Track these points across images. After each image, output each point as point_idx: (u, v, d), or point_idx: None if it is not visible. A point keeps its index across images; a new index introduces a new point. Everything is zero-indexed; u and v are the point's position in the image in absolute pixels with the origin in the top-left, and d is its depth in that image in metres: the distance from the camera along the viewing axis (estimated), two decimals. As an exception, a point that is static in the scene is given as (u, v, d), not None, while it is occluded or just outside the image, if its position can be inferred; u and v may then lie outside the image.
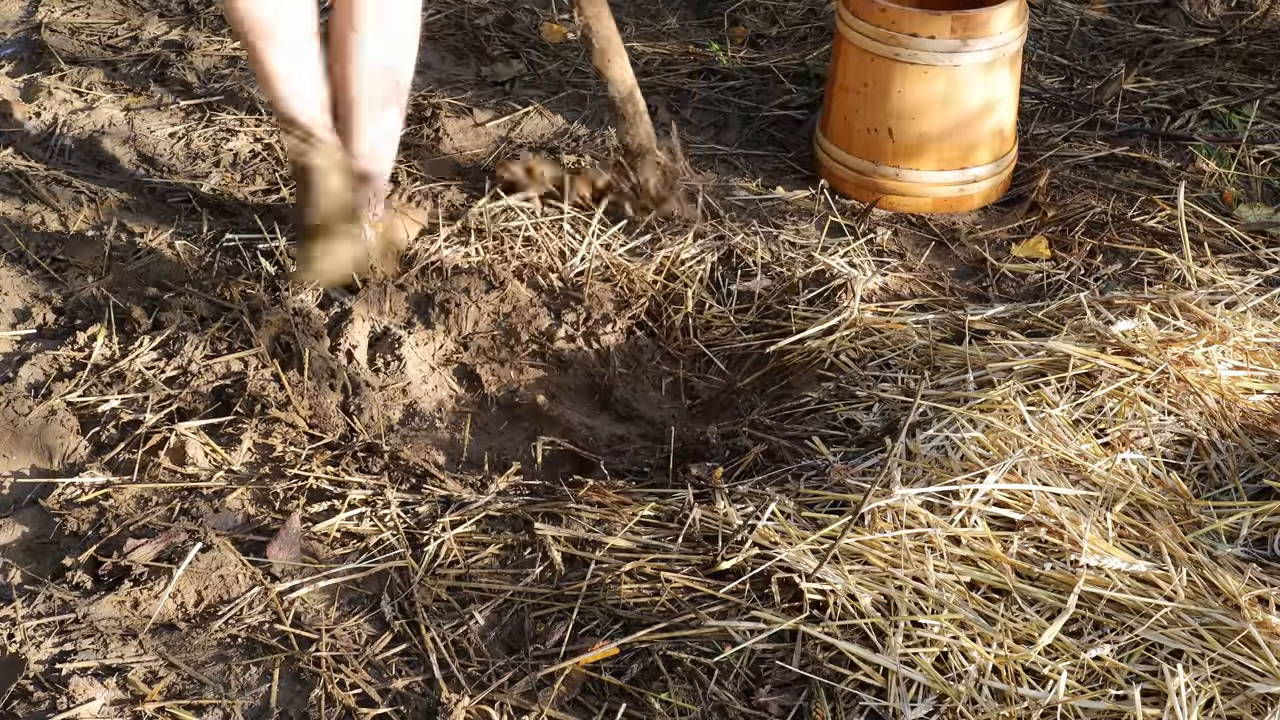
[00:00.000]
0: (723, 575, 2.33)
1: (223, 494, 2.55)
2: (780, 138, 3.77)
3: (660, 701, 2.13)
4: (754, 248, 3.27)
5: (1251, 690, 2.12)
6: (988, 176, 3.49)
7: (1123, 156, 3.68)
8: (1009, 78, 3.43)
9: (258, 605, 2.33)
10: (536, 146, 3.65)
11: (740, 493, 2.51)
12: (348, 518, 2.50)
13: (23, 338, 2.95)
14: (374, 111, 3.00)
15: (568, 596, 2.32)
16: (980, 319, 3.01)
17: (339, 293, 3.02)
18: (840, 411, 2.76)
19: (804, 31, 4.26)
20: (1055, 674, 2.13)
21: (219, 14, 4.12)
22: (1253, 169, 3.64)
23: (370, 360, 2.92)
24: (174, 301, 2.98)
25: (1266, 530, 2.47)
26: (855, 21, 3.37)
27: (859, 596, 2.24)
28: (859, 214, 3.44)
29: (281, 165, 3.51)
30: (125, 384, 2.79)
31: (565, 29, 4.18)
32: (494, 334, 3.03)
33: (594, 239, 3.28)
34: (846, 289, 3.14)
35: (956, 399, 2.70)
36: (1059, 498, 2.45)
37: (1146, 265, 3.23)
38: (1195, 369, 2.76)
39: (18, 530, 2.51)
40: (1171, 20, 4.34)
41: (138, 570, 2.38)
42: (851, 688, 2.12)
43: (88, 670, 2.21)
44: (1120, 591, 2.27)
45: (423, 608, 2.31)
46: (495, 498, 2.55)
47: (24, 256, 3.13)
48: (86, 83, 3.75)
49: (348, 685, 2.19)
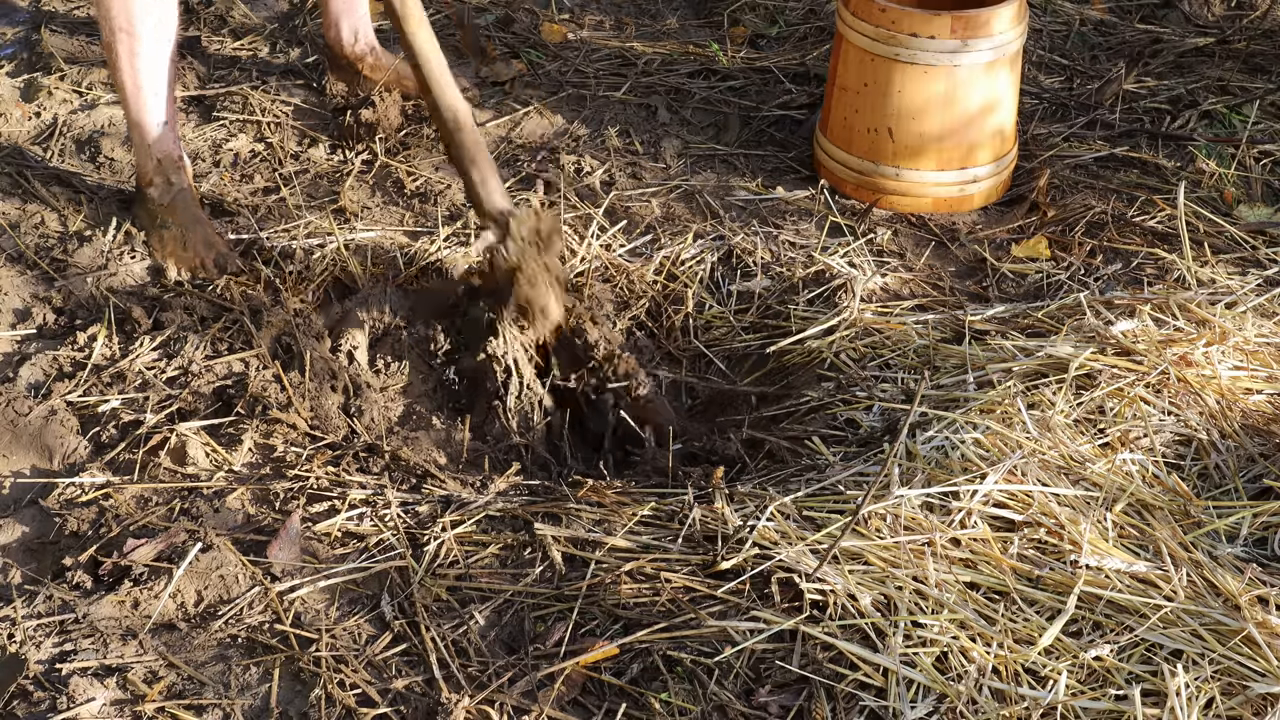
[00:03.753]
0: (723, 575, 2.33)
1: (223, 494, 2.55)
2: (780, 138, 3.77)
3: (660, 701, 2.13)
4: (754, 248, 3.27)
5: (1251, 690, 2.12)
6: (988, 176, 3.49)
7: (1123, 156, 3.67)
8: (1009, 78, 3.43)
9: (258, 605, 2.33)
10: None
11: (740, 493, 2.51)
12: (348, 518, 2.50)
13: (23, 338, 2.95)
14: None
15: (568, 596, 2.32)
16: (980, 319, 3.01)
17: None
18: (840, 411, 2.76)
19: (804, 31, 4.25)
20: (1055, 674, 2.13)
21: (219, 14, 4.12)
22: (1253, 169, 3.64)
23: (371, 361, 2.92)
24: (174, 301, 2.98)
25: (1266, 530, 2.47)
26: (855, 21, 3.37)
27: (859, 596, 2.24)
28: (859, 214, 3.44)
29: (280, 165, 3.51)
30: (125, 384, 2.79)
31: (565, 29, 4.19)
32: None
33: (593, 239, 3.28)
34: (846, 289, 3.14)
35: (956, 399, 2.70)
36: (1059, 498, 2.45)
37: (1146, 265, 3.23)
38: (1195, 369, 2.76)
39: (18, 530, 2.51)
40: (1171, 20, 4.34)
41: (138, 570, 2.38)
42: (851, 688, 2.12)
43: (88, 670, 2.21)
44: (1120, 592, 2.27)
45: (423, 608, 2.31)
46: (495, 498, 2.55)
47: (24, 256, 3.13)
48: (86, 83, 3.75)
49: (348, 685, 2.19)
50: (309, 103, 3.76)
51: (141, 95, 3.08)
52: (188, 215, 3.15)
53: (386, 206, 3.42)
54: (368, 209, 3.39)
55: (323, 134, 3.64)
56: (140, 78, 3.06)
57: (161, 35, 3.05)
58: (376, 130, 3.58)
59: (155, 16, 3.02)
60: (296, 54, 3.97)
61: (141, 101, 3.09)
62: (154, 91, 3.09)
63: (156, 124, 3.12)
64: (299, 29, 4.07)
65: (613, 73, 3.99)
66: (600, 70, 4.00)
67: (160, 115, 3.11)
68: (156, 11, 3.02)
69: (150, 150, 3.13)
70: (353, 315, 2.96)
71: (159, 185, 3.14)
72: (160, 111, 3.11)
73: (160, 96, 3.10)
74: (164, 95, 3.11)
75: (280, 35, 4.05)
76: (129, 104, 3.10)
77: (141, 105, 3.09)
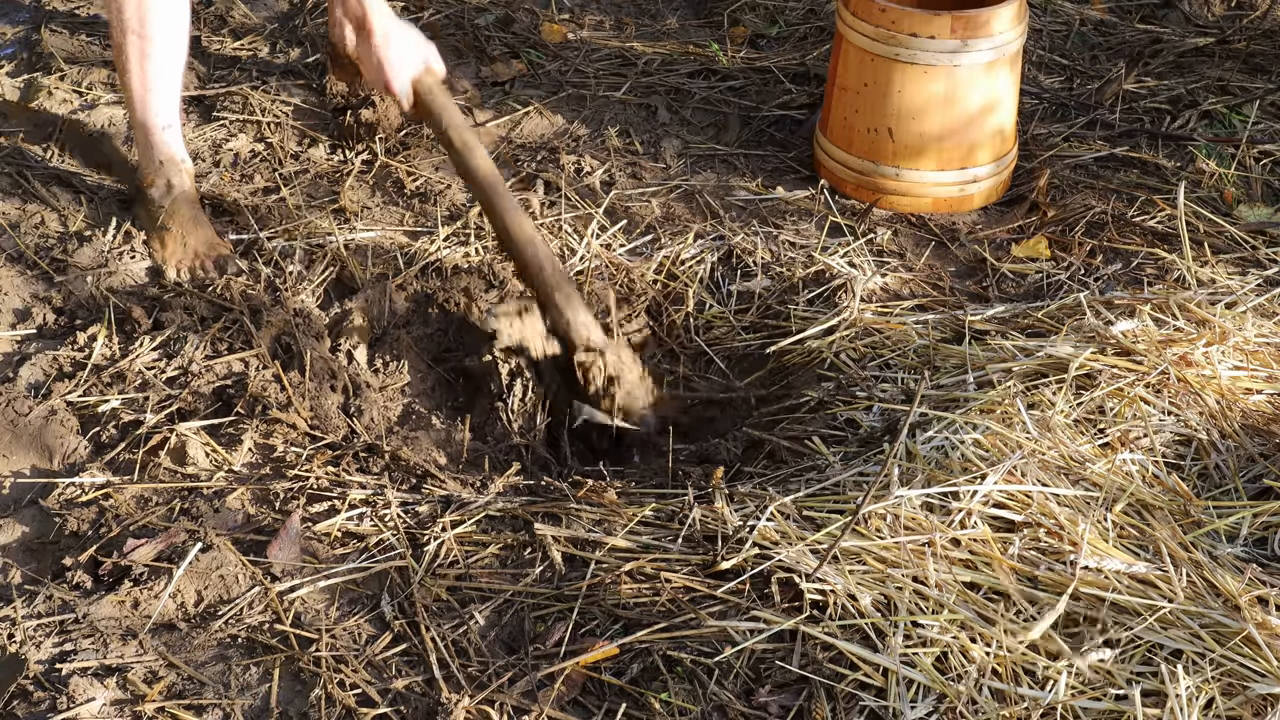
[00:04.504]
0: (723, 575, 2.33)
1: (223, 494, 2.55)
2: (780, 138, 3.77)
3: (660, 701, 2.13)
4: (754, 248, 3.27)
5: (1251, 691, 2.12)
6: (988, 176, 3.49)
7: (1123, 156, 3.68)
8: (1009, 78, 3.43)
9: (258, 605, 2.33)
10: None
11: (740, 493, 2.51)
12: (348, 518, 2.50)
13: (23, 338, 2.95)
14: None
15: (568, 596, 2.32)
16: (980, 319, 3.01)
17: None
18: (840, 411, 2.76)
19: (804, 31, 4.25)
20: (1055, 674, 2.13)
21: (219, 14, 4.12)
22: (1253, 169, 3.64)
23: (370, 361, 2.92)
24: (174, 301, 2.98)
25: (1266, 530, 2.47)
26: (855, 21, 3.37)
27: (859, 596, 2.24)
28: (859, 214, 3.44)
29: (280, 165, 3.51)
30: (125, 384, 2.79)
31: (565, 29, 4.19)
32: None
33: (593, 239, 3.28)
34: (846, 289, 3.14)
35: (956, 399, 2.70)
36: (1059, 498, 2.45)
37: (1146, 265, 3.23)
38: (1195, 369, 2.76)
39: (18, 530, 2.51)
40: (1171, 20, 4.34)
41: (138, 570, 2.38)
42: (851, 688, 2.12)
43: (88, 670, 2.21)
44: (1119, 593, 2.27)
45: (423, 608, 2.31)
46: (495, 498, 2.55)
47: (24, 256, 3.13)
48: (86, 83, 3.75)
49: (348, 685, 2.19)
50: (309, 103, 3.76)
51: (149, 97, 3.08)
52: (188, 217, 3.15)
53: (386, 206, 3.42)
54: (368, 209, 3.39)
55: (323, 134, 3.64)
56: (149, 79, 3.06)
57: (172, 38, 3.06)
58: (376, 130, 3.58)
59: (167, 19, 3.02)
60: (296, 54, 3.97)
61: (148, 103, 3.09)
62: (161, 93, 3.09)
63: (162, 126, 3.12)
64: (299, 29, 4.07)
65: (613, 73, 3.99)
66: (600, 70, 4.00)
67: (166, 117, 3.12)
68: (169, 14, 3.02)
69: (154, 152, 3.14)
70: (353, 315, 2.97)
71: (160, 186, 3.14)
72: (165, 114, 3.11)
73: (167, 99, 3.10)
74: (171, 97, 3.11)
75: (280, 35, 4.05)
76: (135, 104, 3.10)
77: (148, 106, 3.09)
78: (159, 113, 3.11)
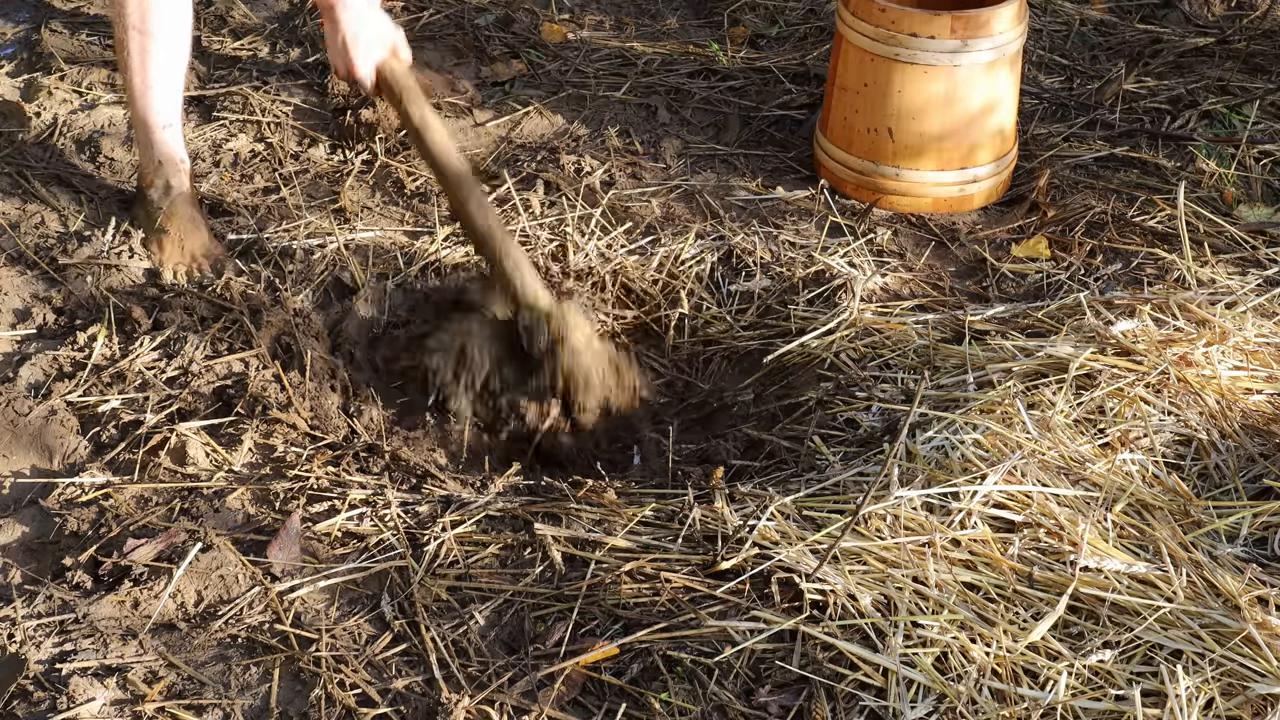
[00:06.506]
0: (723, 575, 2.33)
1: (223, 494, 2.55)
2: (780, 138, 3.77)
3: (660, 701, 2.13)
4: (754, 248, 3.27)
5: (1251, 691, 2.12)
6: (988, 176, 3.49)
7: (1123, 156, 3.68)
8: (1009, 78, 3.43)
9: (258, 605, 2.33)
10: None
11: (740, 493, 2.51)
12: (348, 518, 2.50)
13: (23, 338, 2.95)
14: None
15: (568, 596, 2.32)
16: (980, 319, 3.01)
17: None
18: (840, 411, 2.76)
19: (804, 31, 4.25)
20: (1055, 675, 2.13)
21: (219, 14, 4.12)
22: (1253, 169, 3.64)
23: (370, 360, 2.92)
24: (174, 301, 2.98)
25: (1266, 530, 2.47)
26: (855, 21, 3.37)
27: (859, 596, 2.24)
28: (859, 214, 3.44)
29: (280, 165, 3.51)
30: (125, 384, 2.79)
31: (565, 29, 4.18)
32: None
33: (593, 239, 3.28)
34: (846, 289, 3.14)
35: (956, 399, 2.70)
36: (1059, 498, 2.45)
37: (1146, 265, 3.23)
38: (1195, 369, 2.76)
39: (18, 530, 2.51)
40: (1171, 20, 4.34)
41: (138, 570, 2.38)
42: (851, 688, 2.12)
43: (88, 670, 2.21)
44: (1119, 593, 2.27)
45: (423, 608, 2.31)
46: (495, 498, 2.55)
47: (24, 256, 3.13)
48: (86, 83, 3.75)
49: (348, 685, 2.19)
50: (309, 103, 3.76)
51: (150, 95, 3.07)
52: (186, 220, 3.15)
53: (386, 206, 3.42)
54: (368, 209, 3.39)
55: (323, 134, 3.65)
56: (150, 77, 3.05)
57: (175, 36, 3.04)
58: (376, 130, 3.58)
59: (170, 17, 3.01)
60: (296, 54, 3.97)
61: (149, 101, 3.08)
62: (162, 92, 3.08)
63: (162, 125, 3.11)
64: (299, 29, 4.07)
65: (613, 73, 3.99)
66: (600, 70, 4.00)
67: (166, 116, 3.11)
68: (171, 12, 3.01)
69: (154, 151, 3.13)
70: (353, 315, 2.97)
71: (159, 188, 3.14)
72: (166, 113, 3.11)
73: (168, 98, 3.10)
74: (172, 97, 3.10)
75: (280, 35, 4.05)
76: (136, 103, 3.10)
77: (149, 105, 3.09)
78: (159, 111, 3.10)
